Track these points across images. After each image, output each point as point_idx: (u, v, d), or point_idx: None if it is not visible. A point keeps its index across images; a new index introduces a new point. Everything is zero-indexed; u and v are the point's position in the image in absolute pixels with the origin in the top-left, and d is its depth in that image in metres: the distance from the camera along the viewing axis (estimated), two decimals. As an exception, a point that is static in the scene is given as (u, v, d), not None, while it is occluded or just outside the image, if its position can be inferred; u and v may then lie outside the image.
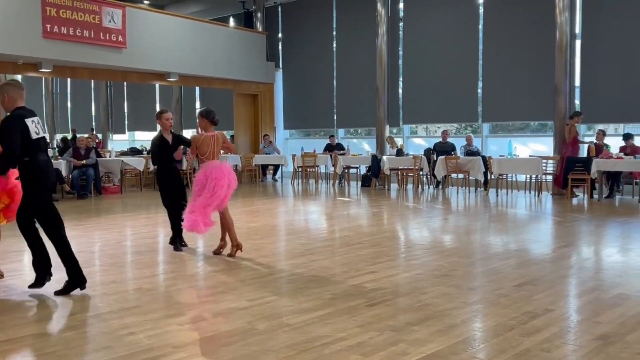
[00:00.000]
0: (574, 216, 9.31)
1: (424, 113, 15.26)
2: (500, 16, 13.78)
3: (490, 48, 13.96)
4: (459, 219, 9.35)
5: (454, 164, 13.08)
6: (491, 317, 4.05)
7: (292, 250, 6.60)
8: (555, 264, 5.76)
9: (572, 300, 4.64)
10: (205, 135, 6.09)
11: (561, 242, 7.00)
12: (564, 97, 12.32)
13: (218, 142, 6.14)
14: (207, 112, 6.18)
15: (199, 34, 15.50)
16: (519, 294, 4.59)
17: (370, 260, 5.95)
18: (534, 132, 14.55)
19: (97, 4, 12.90)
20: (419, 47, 15.12)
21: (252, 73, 16.97)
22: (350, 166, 15.38)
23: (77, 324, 3.95)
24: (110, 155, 15.64)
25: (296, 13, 17.68)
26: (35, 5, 11.91)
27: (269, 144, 17.03)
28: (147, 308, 4.33)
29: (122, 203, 11.64)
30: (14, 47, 11.73)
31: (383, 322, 3.92)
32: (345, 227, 8.42)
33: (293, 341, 3.57)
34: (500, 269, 5.49)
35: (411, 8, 15.33)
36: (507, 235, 7.67)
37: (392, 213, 10.08)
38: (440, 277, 5.19)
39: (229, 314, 4.16)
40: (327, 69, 17.12)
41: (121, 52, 13.48)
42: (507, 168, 12.53)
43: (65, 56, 12.55)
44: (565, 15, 12.21)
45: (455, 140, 14.45)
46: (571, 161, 11.61)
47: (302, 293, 4.70)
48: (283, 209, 10.90)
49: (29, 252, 4.85)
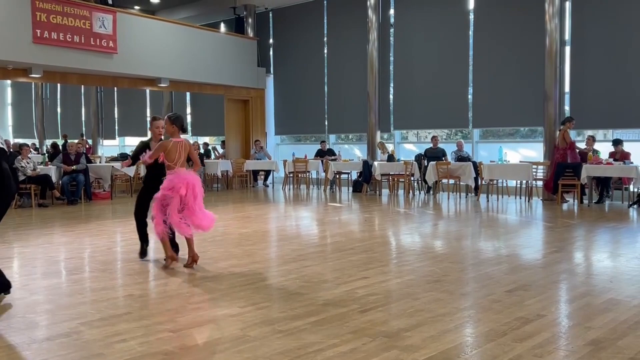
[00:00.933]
0: (564, 221, 9.36)
1: (415, 119, 15.31)
2: (490, 22, 13.87)
3: (480, 54, 14.05)
4: (450, 224, 9.37)
5: (444, 169, 13.12)
6: (484, 322, 4.06)
7: (283, 256, 6.58)
8: (547, 269, 5.78)
9: (564, 305, 4.66)
10: (173, 141, 5.89)
11: (552, 248, 7.03)
12: (553, 103, 12.43)
13: (185, 150, 5.93)
14: (176, 117, 5.97)
15: (190, 39, 15.49)
16: (511, 300, 4.60)
17: (362, 266, 5.94)
18: (523, 137, 14.63)
19: (87, 9, 12.87)
20: (410, 53, 15.19)
21: (243, 78, 16.97)
22: (342, 172, 15.39)
23: (68, 331, 3.92)
24: (100, 161, 15.56)
25: (287, 19, 17.72)
26: (26, 10, 11.87)
27: (260, 149, 17.02)
28: (138, 314, 4.30)
29: (112, 209, 11.58)
30: (4, 53, 11.67)
31: (376, 328, 3.92)
32: (336, 233, 8.41)
33: (285, 347, 3.55)
34: (492, 275, 5.50)
35: (402, 14, 15.40)
36: (498, 240, 7.69)
37: (384, 219, 10.09)
38: (432, 282, 5.20)
39: (220, 321, 4.14)
40: (318, 75, 17.15)
41: (112, 57, 13.44)
42: (498, 173, 12.59)
43: (56, 61, 12.50)
44: (555, 21, 12.32)
45: (446, 145, 14.50)
46: (561, 167, 11.67)
47: (294, 299, 4.68)
48: (274, 214, 10.89)
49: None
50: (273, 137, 18.56)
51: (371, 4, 15.12)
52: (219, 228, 8.74)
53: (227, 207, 11.93)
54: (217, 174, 15.68)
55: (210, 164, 15.63)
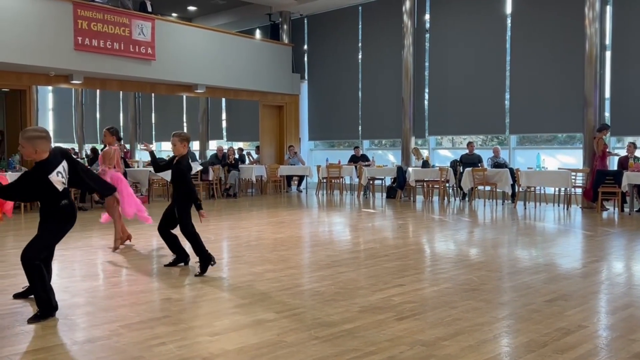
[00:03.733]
0: (604, 230, 9.14)
1: (450, 124, 15.17)
2: (528, 27, 13.67)
3: (518, 59, 13.85)
4: (486, 232, 9.25)
5: (480, 176, 12.96)
6: (523, 332, 3.99)
7: (318, 262, 6.59)
8: (587, 279, 5.65)
9: (606, 316, 4.55)
10: (115, 149, 7.64)
11: (592, 257, 6.88)
12: (593, 109, 12.17)
13: (118, 155, 7.72)
14: (116, 130, 7.91)
15: (226, 46, 15.66)
16: (551, 310, 4.51)
17: (398, 273, 5.91)
18: (561, 144, 14.36)
19: (127, 16, 13.14)
20: (445, 58, 15.07)
21: (278, 85, 17.08)
22: (375, 177, 15.33)
23: (108, 334, 3.99)
24: (137, 166, 15.82)
25: (322, 25, 17.78)
26: (68, 18, 12.17)
27: (294, 154, 17.08)
28: (176, 318, 4.35)
29: (149, 213, 11.71)
30: (47, 59, 11.99)
31: (413, 336, 3.88)
32: (370, 239, 8.38)
33: (322, 354, 3.55)
34: (530, 284, 5.40)
35: (438, 19, 15.30)
36: (536, 249, 7.56)
37: (418, 225, 10.02)
38: (470, 291, 5.13)
39: (257, 326, 4.16)
40: (353, 80, 17.15)
41: (150, 64, 13.68)
42: (536, 180, 12.37)
43: (96, 68, 12.78)
44: (595, 26, 12.08)
45: (481, 152, 14.33)
46: (601, 174, 11.42)
47: (330, 305, 4.68)
48: (308, 220, 10.91)
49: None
50: (307, 143, 18.61)
51: (406, 9, 15.06)
52: (254, 233, 8.82)
53: (261, 212, 12.01)
54: (252, 179, 15.78)
55: (244, 169, 15.75)
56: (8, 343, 3.81)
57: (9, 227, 9.94)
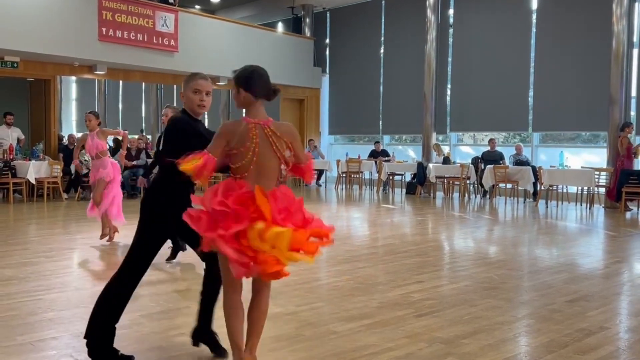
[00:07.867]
0: (627, 230, 9.01)
1: (472, 121, 15.05)
2: (553, 23, 13.49)
3: (542, 55, 13.68)
4: (507, 230, 9.17)
5: (502, 173, 12.84)
6: (544, 332, 3.95)
7: (336, 257, 6.58)
8: (609, 280, 5.58)
9: (628, 318, 4.48)
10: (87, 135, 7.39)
11: (614, 258, 6.78)
12: (619, 107, 11.97)
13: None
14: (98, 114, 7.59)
15: (248, 38, 15.68)
16: (572, 310, 4.46)
17: (416, 269, 5.88)
18: (585, 142, 14.17)
19: (151, 8, 13.22)
20: (469, 53, 14.94)
21: (299, 78, 17.08)
22: (395, 173, 15.28)
23: (128, 323, 4.03)
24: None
25: (344, 19, 17.72)
26: (92, 9, 12.28)
27: (314, 148, 17.08)
28: (195, 309, 4.37)
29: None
30: (71, 50, 12.12)
31: (432, 333, 3.87)
32: (389, 235, 8.36)
33: (340, 349, 3.55)
34: (551, 283, 5.34)
35: (462, 14, 15.16)
36: (557, 248, 7.47)
37: (438, 222, 9.96)
38: (489, 289, 5.09)
39: (275, 319, 4.17)
40: (374, 75, 17.08)
41: (173, 55, 13.76)
42: (558, 179, 12.22)
43: (119, 59, 12.89)
44: (622, 23, 11.87)
45: (503, 149, 14.18)
46: (625, 174, 11.25)
47: (348, 300, 4.67)
48: (327, 214, 10.90)
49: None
50: (327, 137, 18.60)
51: (430, 4, 14.94)
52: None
53: (280, 205, 12.01)
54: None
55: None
56: (31, 329, 3.86)
57: (32, 214, 10.09)
